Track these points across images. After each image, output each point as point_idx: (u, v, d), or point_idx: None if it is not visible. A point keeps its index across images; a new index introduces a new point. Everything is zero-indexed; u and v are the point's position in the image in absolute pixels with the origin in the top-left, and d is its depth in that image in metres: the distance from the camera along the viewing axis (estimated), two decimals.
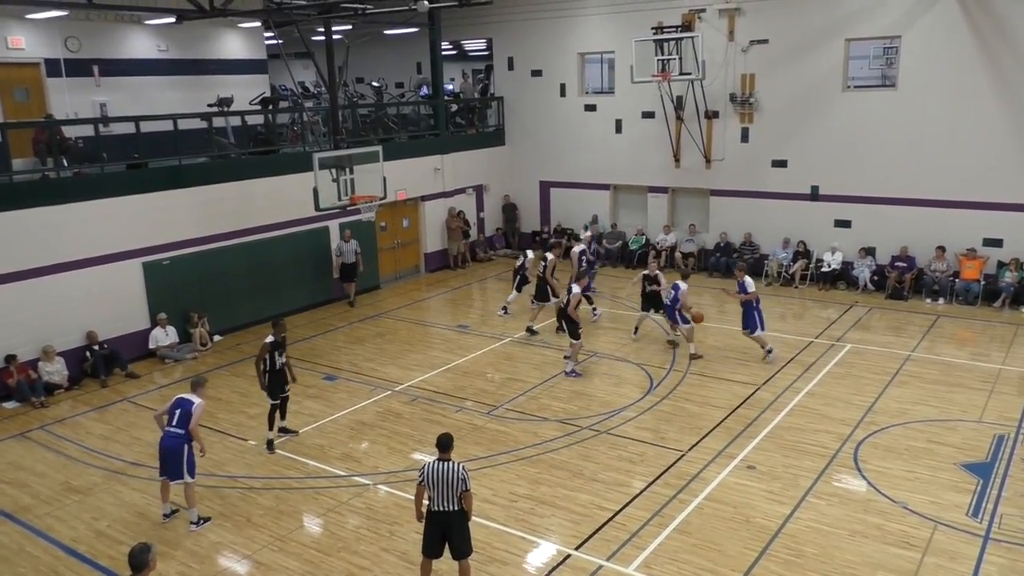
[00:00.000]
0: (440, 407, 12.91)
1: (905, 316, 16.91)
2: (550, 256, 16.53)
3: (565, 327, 14.36)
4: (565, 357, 14.25)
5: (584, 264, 16.94)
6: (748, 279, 14.50)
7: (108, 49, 18.97)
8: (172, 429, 9.41)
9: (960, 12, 16.96)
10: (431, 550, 7.94)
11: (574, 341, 13.93)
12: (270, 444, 11.56)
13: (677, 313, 14.68)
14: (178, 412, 9.45)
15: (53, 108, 17.66)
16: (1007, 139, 16.96)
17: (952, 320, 16.61)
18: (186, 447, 9.41)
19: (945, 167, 17.69)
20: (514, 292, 17.68)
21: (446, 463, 7.71)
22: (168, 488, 9.68)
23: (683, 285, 14.66)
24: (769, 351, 14.32)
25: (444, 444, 7.82)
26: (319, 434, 12.04)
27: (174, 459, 9.38)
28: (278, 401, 11.50)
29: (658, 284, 15.62)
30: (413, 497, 8.18)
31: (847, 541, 8.83)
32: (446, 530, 7.84)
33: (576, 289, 14.11)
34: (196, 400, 9.57)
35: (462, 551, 7.94)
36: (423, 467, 7.81)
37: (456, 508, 7.75)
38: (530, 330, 16.33)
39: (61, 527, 9.74)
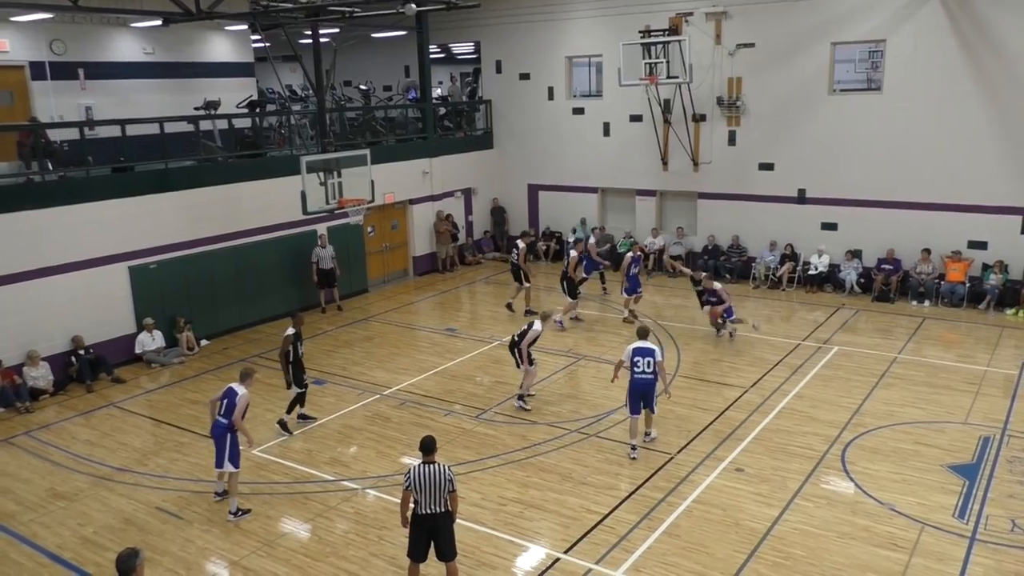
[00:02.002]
0: (429, 411, 12.88)
1: (891, 318, 17.01)
2: (521, 244, 17.80)
3: (565, 288, 16.85)
4: (557, 320, 15.81)
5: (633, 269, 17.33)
6: (720, 287, 14.72)
7: (93, 52, 18.83)
8: (219, 419, 9.81)
9: (945, 16, 17.10)
10: (418, 554, 7.93)
11: (570, 300, 16.09)
12: (284, 424, 12.14)
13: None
14: (225, 402, 9.80)
15: (38, 111, 17.50)
16: (992, 142, 17.11)
17: (938, 322, 16.72)
18: (229, 436, 9.71)
19: (930, 170, 17.82)
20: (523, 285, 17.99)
21: (432, 466, 7.72)
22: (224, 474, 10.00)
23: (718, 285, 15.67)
24: (754, 325, 15.33)
25: (428, 447, 7.84)
26: (307, 438, 11.99)
27: (218, 448, 9.77)
28: (304, 389, 12.22)
29: (721, 300, 15.55)
30: (399, 502, 8.14)
31: (835, 543, 8.87)
32: (432, 533, 7.83)
33: (574, 253, 16.79)
34: (241, 391, 9.82)
35: (449, 553, 7.93)
36: (408, 472, 7.79)
37: (443, 510, 7.75)
38: (509, 307, 17.99)
39: (46, 533, 9.66)
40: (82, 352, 14.55)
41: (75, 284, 14.66)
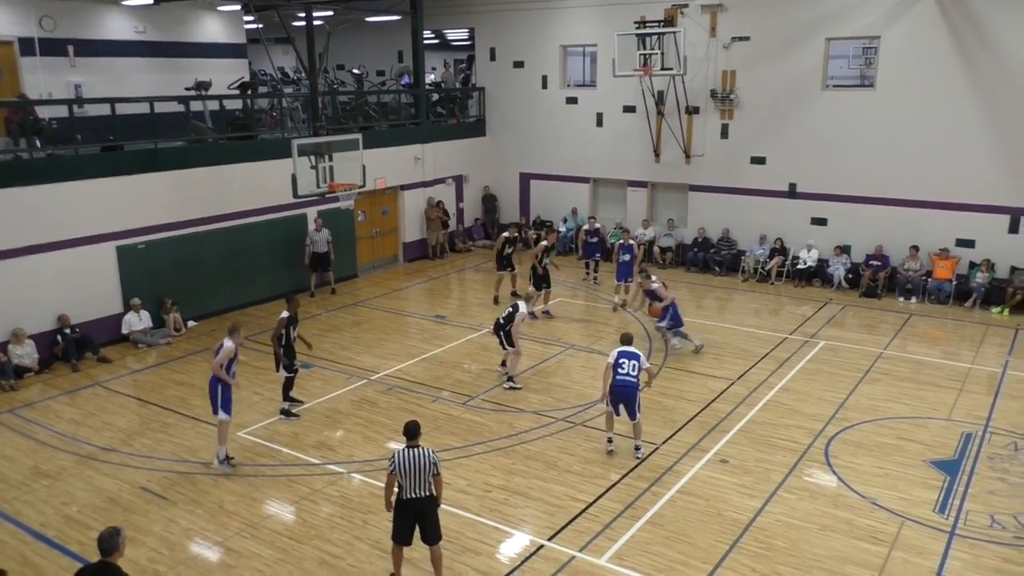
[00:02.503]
0: (416, 396, 12.89)
1: (878, 314, 17.12)
2: (505, 234, 18.00)
3: (531, 278, 17.10)
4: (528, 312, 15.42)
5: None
6: (657, 286, 14.67)
7: (84, 29, 18.66)
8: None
9: (939, 14, 17.14)
10: (403, 537, 7.97)
11: (532, 289, 15.83)
12: (287, 412, 12.15)
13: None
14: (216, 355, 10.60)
15: (26, 88, 17.34)
16: (983, 141, 17.19)
17: (924, 319, 16.84)
18: (219, 386, 10.35)
19: (921, 168, 17.90)
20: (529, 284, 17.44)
21: (416, 450, 7.78)
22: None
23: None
24: (697, 347, 14.73)
25: (412, 432, 7.92)
26: (294, 422, 11.98)
27: (211, 398, 10.49)
28: (293, 374, 12.17)
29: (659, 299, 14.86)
30: (384, 486, 8.17)
31: (816, 535, 8.95)
32: (418, 517, 7.87)
33: (543, 243, 17.07)
34: (225, 343, 10.47)
35: (434, 537, 7.99)
36: (393, 456, 7.83)
37: (427, 494, 7.80)
38: (495, 300, 17.93)
39: (29, 511, 9.63)
40: (68, 331, 14.47)
41: (62, 263, 14.56)
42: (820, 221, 19.40)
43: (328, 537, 8.97)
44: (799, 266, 19.33)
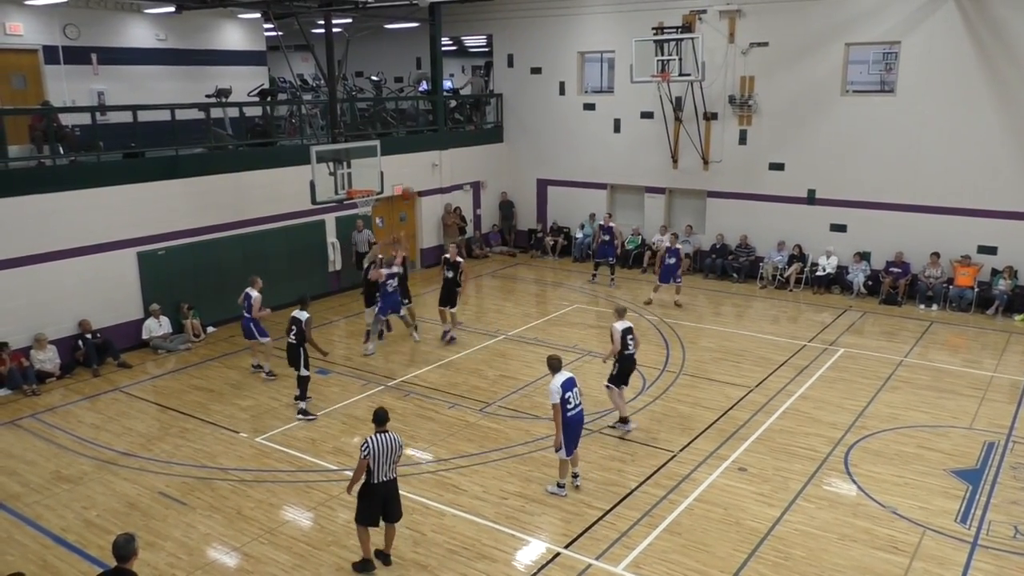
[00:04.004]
0: (433, 403, 12.91)
1: (898, 322, 16.96)
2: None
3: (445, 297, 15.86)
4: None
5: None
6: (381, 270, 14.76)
7: (107, 37, 18.90)
8: (244, 314, 13.94)
9: (960, 19, 16.99)
10: (372, 520, 8.36)
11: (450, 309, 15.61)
12: (305, 412, 12.41)
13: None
14: (246, 303, 13.84)
15: (50, 95, 17.59)
16: (1004, 147, 17.01)
17: (945, 327, 16.66)
18: (252, 324, 13.83)
19: (941, 174, 17.74)
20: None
21: (387, 435, 8.24)
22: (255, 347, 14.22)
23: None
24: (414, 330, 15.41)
25: (381, 418, 8.36)
26: (311, 427, 12.03)
27: (247, 331, 14.06)
28: (310, 374, 12.67)
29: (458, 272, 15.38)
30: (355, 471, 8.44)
31: (836, 544, 8.86)
32: (386, 498, 8.29)
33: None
34: (254, 294, 13.67)
35: (396, 515, 8.47)
36: (366, 441, 8.17)
37: (394, 476, 8.32)
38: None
39: (50, 516, 9.72)
40: (89, 336, 14.62)
41: (84, 269, 14.72)
42: (839, 227, 19.26)
43: (345, 543, 8.99)
44: (818, 273, 19.19)
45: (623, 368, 11.45)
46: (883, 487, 10.05)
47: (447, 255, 15.88)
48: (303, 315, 12.23)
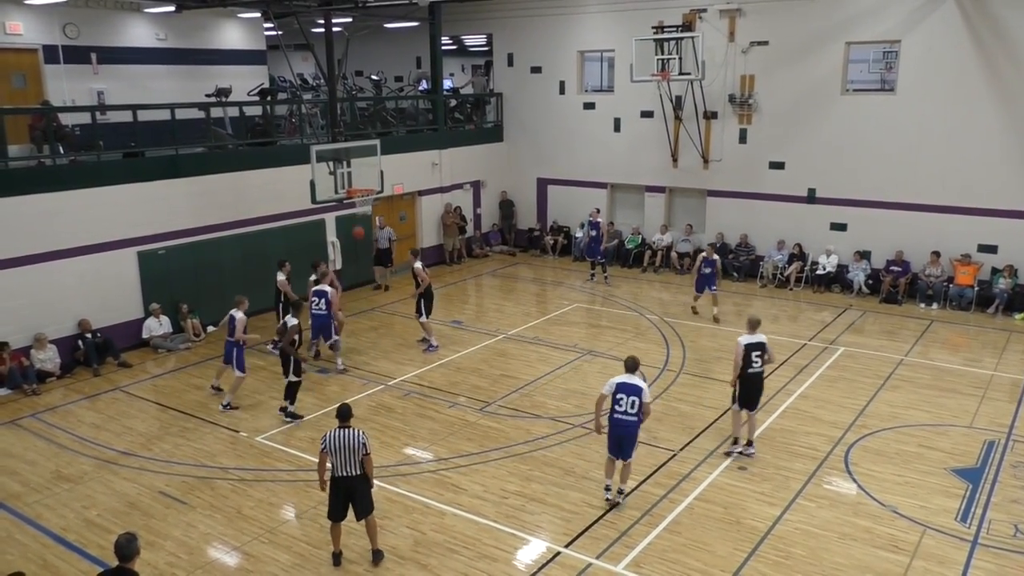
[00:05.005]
0: (433, 402, 12.90)
1: (899, 320, 16.95)
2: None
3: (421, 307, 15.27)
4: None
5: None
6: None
7: (106, 37, 18.89)
8: (228, 337, 12.99)
9: (960, 18, 16.98)
10: (337, 514, 8.44)
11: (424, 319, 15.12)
12: (291, 413, 12.26)
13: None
14: (230, 324, 12.89)
15: (50, 95, 17.59)
16: (1004, 146, 17.00)
17: (945, 325, 16.65)
18: (235, 350, 12.76)
19: (942, 172, 17.73)
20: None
21: (346, 431, 8.32)
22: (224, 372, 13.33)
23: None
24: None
25: (344, 414, 8.47)
26: (311, 427, 12.02)
27: (227, 355, 12.98)
28: (300, 379, 12.22)
29: None
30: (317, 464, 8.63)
31: (836, 543, 8.86)
32: (349, 495, 8.36)
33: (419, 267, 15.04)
34: (239, 316, 12.72)
35: (365, 512, 8.50)
36: (324, 436, 8.34)
37: (358, 473, 8.32)
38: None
39: (50, 515, 9.72)
40: (89, 336, 14.62)
41: (84, 268, 14.72)
42: (840, 226, 19.25)
43: (344, 543, 8.95)
44: (818, 272, 19.18)
45: (744, 388, 10.59)
46: (883, 486, 10.05)
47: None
48: (292, 321, 12.05)
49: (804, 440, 11.30)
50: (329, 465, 8.42)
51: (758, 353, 10.55)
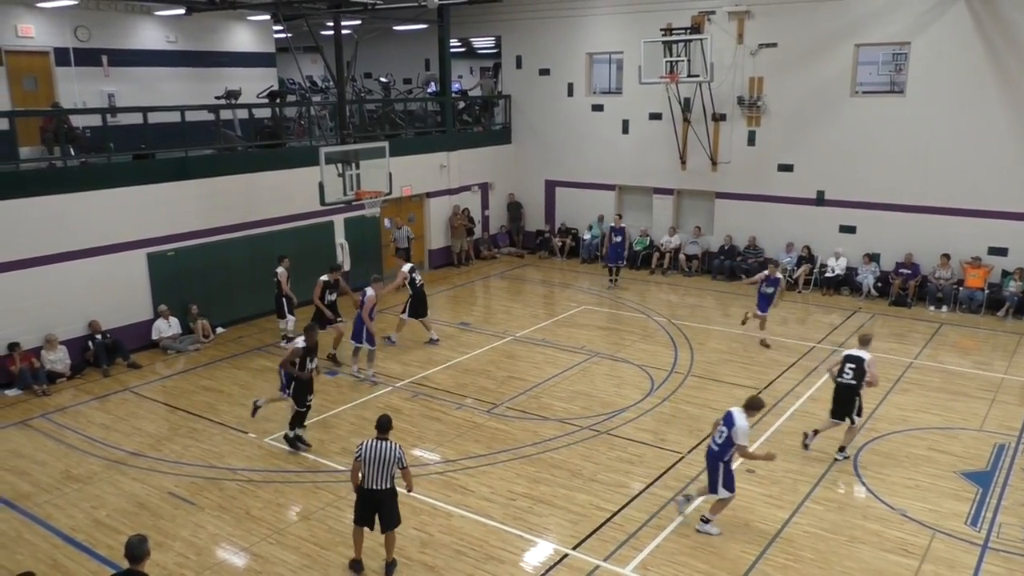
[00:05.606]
0: (440, 403, 12.92)
1: (908, 323, 16.88)
2: (324, 278, 14.92)
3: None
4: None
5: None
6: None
7: (117, 39, 19.01)
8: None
9: (970, 20, 16.91)
10: (364, 520, 8.34)
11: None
12: (294, 442, 11.29)
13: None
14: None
15: (61, 97, 17.70)
16: (1015, 148, 16.91)
17: (955, 328, 16.58)
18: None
19: (952, 174, 17.65)
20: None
21: (383, 443, 8.14)
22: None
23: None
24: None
25: (383, 425, 8.29)
26: (320, 428, 12.05)
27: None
28: (304, 409, 11.19)
29: None
30: (351, 473, 8.51)
31: (845, 547, 8.83)
32: (377, 507, 8.24)
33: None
34: (369, 292, 13.56)
35: (390, 526, 8.36)
36: (360, 444, 8.21)
37: (387, 487, 8.19)
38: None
39: (60, 515, 9.77)
40: (99, 337, 14.69)
41: (94, 269, 14.79)
42: (849, 229, 19.19)
43: (353, 544, 8.99)
44: (827, 274, 19.13)
45: (835, 396, 10.69)
46: (893, 489, 10.01)
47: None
48: (299, 343, 11.07)
49: (813, 443, 11.25)
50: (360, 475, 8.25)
51: (852, 366, 10.51)
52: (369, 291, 13.66)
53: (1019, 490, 9.98)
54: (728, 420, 8.96)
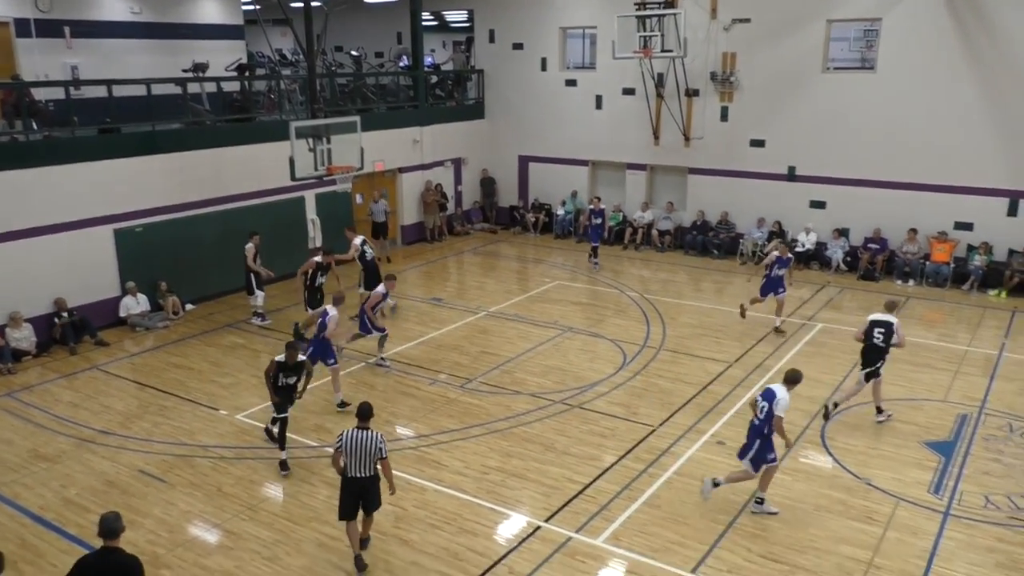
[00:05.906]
0: (413, 379, 12.92)
1: (876, 297, 17.08)
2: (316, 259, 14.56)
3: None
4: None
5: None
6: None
7: (80, 10, 18.56)
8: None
9: None
10: (349, 513, 8.20)
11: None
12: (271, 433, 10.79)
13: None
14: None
15: (22, 69, 17.27)
16: (981, 124, 17.12)
17: (922, 302, 16.85)
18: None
19: (920, 150, 17.84)
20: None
21: (364, 432, 7.98)
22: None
23: None
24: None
25: (364, 413, 8.10)
26: (296, 405, 11.97)
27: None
28: (284, 416, 10.26)
29: None
30: (331, 460, 8.41)
31: (811, 516, 9.00)
32: (362, 494, 8.12)
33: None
34: (331, 312, 11.78)
35: (372, 508, 8.28)
36: (341, 434, 8.05)
37: (370, 474, 8.06)
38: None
39: (28, 494, 9.67)
40: (65, 314, 14.47)
41: (59, 246, 14.53)
42: (819, 204, 19.37)
43: (326, 519, 9.00)
44: (797, 249, 19.28)
45: (863, 357, 11.17)
46: (858, 459, 10.20)
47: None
48: (280, 357, 10.13)
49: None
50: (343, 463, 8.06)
51: (881, 330, 11.07)
52: (380, 288, 13.26)
53: (980, 459, 10.22)
54: (768, 395, 8.92)
